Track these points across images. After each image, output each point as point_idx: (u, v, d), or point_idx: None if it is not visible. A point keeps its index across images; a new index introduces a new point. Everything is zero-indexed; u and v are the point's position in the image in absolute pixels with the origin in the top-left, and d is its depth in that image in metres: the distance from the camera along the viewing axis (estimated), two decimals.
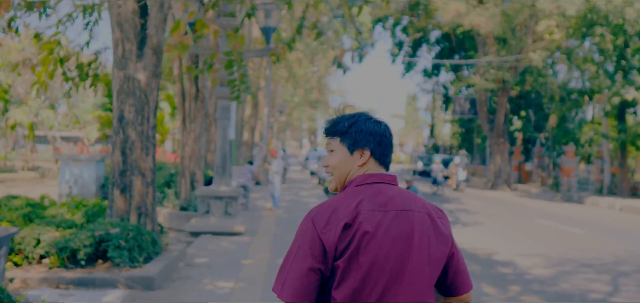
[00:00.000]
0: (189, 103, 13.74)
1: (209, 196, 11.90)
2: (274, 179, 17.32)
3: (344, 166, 2.14)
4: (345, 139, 2.15)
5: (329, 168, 2.18)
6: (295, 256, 1.97)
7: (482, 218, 18.44)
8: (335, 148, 2.17)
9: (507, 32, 31.50)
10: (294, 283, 1.94)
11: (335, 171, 2.16)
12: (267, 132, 28.36)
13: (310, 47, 38.19)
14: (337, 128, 2.17)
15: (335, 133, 2.17)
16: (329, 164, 2.17)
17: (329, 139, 2.20)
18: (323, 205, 2.04)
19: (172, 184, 14.59)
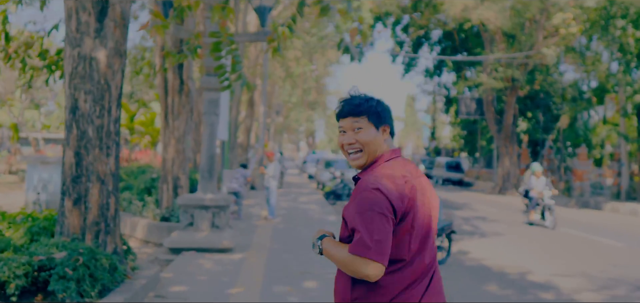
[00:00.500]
0: (172, 97, 11.89)
1: (193, 206, 10.06)
2: (270, 184, 15.48)
3: (375, 142, 2.42)
4: (372, 117, 2.42)
5: (356, 144, 2.41)
6: (378, 222, 2.23)
7: (500, 227, 16.63)
8: (364, 125, 2.41)
9: (517, 28, 29.73)
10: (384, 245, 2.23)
11: (367, 147, 2.41)
12: (263, 133, 26.51)
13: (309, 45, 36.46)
14: (363, 107, 2.41)
15: (362, 112, 2.41)
16: (359, 140, 2.41)
17: (353, 118, 2.40)
18: (383, 177, 2.31)
19: (153, 191, 12.73)
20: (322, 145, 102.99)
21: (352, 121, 2.41)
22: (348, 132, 2.44)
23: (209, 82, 10.21)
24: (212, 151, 10.40)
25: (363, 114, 2.40)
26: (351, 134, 2.42)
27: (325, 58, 42.89)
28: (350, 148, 2.43)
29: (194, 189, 13.37)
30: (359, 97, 2.45)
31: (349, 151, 2.44)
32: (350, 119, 2.41)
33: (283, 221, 15.41)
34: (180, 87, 11.91)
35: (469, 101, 37.09)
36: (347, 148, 2.45)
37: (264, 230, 13.61)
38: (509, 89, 32.35)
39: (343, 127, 2.45)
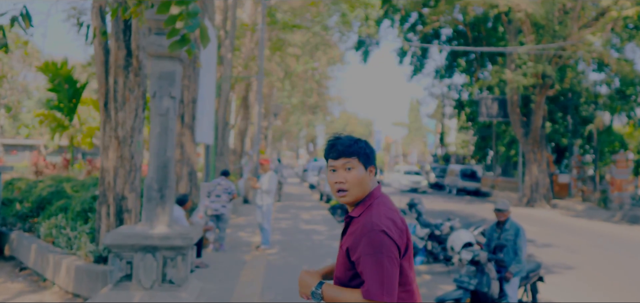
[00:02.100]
0: (114, 76, 7.94)
1: (131, 247, 6.10)
2: (263, 201, 11.51)
3: (364, 181, 2.49)
4: (362, 158, 2.50)
5: (346, 183, 2.48)
6: (388, 266, 2.30)
7: (563, 254, 12.66)
8: (354, 166, 2.49)
9: (549, 15, 25.85)
10: (392, 286, 2.31)
11: (357, 187, 2.48)
12: (259, 137, 22.53)
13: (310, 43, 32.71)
14: (354, 148, 2.50)
15: (353, 153, 2.50)
16: (350, 180, 2.48)
17: (345, 158, 2.49)
18: (383, 217, 2.40)
19: (91, 216, 8.78)
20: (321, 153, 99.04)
21: (344, 161, 2.49)
22: (339, 171, 2.50)
23: (158, 45, 6.29)
24: (164, 157, 6.46)
25: (354, 155, 2.49)
26: (342, 173, 2.49)
27: (328, 57, 39.12)
28: (340, 186, 2.50)
29: None
30: (348, 138, 2.55)
31: (338, 189, 2.51)
32: (343, 159, 2.49)
33: (281, 251, 11.45)
34: (127, 62, 7.95)
35: (490, 101, 33.11)
36: (337, 186, 2.51)
37: (255, 268, 9.65)
38: (538, 87, 28.40)
39: (334, 166, 2.51)
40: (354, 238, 2.40)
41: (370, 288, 2.28)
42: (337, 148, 2.51)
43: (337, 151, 2.51)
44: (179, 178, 13.35)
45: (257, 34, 25.31)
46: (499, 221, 7.23)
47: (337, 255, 2.53)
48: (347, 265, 2.43)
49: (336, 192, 2.52)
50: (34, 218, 11.21)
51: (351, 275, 2.41)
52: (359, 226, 2.41)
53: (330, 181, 2.54)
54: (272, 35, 29.10)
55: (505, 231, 7.11)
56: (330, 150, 2.55)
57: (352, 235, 2.43)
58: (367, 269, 2.31)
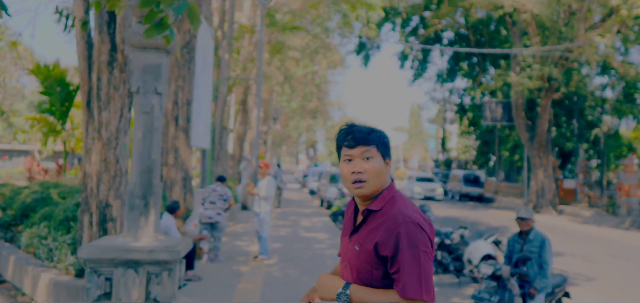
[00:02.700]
0: (97, 73, 7.26)
1: (110, 261, 5.40)
2: (261, 208, 10.82)
3: (381, 173, 2.30)
4: (380, 148, 2.32)
5: (364, 174, 2.28)
6: (423, 260, 2.14)
7: (579, 264, 11.95)
8: (373, 155, 2.30)
9: (556, 17, 25.20)
10: (430, 283, 2.15)
11: (375, 178, 2.28)
12: (257, 141, 21.83)
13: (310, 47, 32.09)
14: (373, 136, 2.32)
15: (372, 140, 2.31)
16: (368, 170, 2.28)
17: (364, 147, 2.30)
18: (415, 212, 2.25)
19: (74, 225, 8.08)
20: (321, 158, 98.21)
21: (363, 149, 2.30)
22: (356, 160, 2.31)
23: (137, 36, 5.61)
24: (149, 160, 5.77)
25: (373, 143, 2.32)
26: (360, 162, 2.30)
27: (328, 60, 38.48)
28: (358, 176, 2.29)
29: None
30: (365, 126, 2.39)
31: (355, 180, 2.30)
32: (361, 148, 2.30)
33: (280, 262, 10.74)
34: (112, 57, 7.26)
35: (495, 105, 32.41)
36: (353, 177, 2.30)
37: (252, 281, 8.95)
38: (544, 91, 27.72)
39: (350, 155, 2.31)
40: (385, 232, 2.21)
41: (407, 286, 2.12)
42: (354, 135, 2.32)
43: (354, 139, 2.31)
44: (173, 183, 12.65)
45: (255, 36, 24.65)
46: (522, 230, 6.52)
47: (351, 255, 2.31)
48: (373, 263, 2.24)
49: (352, 183, 2.31)
50: (17, 227, 10.51)
51: (381, 274, 2.23)
52: (388, 219, 2.24)
53: (345, 172, 2.32)
54: (271, 38, 28.46)
55: (529, 242, 6.41)
56: (345, 137, 2.34)
57: (379, 229, 2.24)
58: (404, 265, 2.15)
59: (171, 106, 12.75)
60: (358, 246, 2.28)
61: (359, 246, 2.28)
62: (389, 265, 2.19)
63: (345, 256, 2.37)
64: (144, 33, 3.97)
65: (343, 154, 2.35)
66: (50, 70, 18.86)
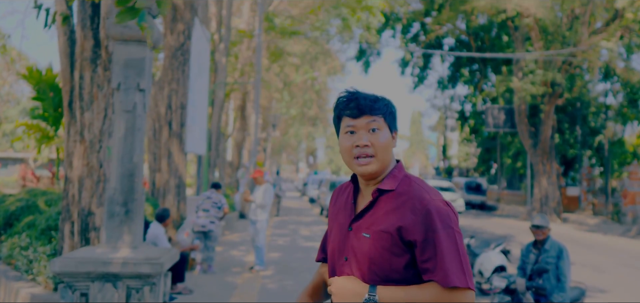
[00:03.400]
0: (80, 71, 6.78)
1: (85, 275, 4.89)
2: (257, 216, 10.31)
3: (389, 147, 2.03)
4: (388, 118, 2.03)
5: (371, 148, 1.98)
6: (460, 243, 1.90)
7: (590, 274, 11.43)
8: (380, 126, 2.01)
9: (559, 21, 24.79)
10: (470, 269, 1.90)
11: (383, 152, 1.99)
12: (255, 147, 21.33)
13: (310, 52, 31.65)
14: (380, 105, 2.02)
15: (379, 109, 2.01)
16: (376, 144, 1.98)
17: (369, 116, 2.00)
18: (431, 190, 1.99)
19: (56, 234, 7.57)
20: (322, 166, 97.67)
21: (368, 120, 1.99)
22: (360, 132, 2.00)
23: (124, 26, 5.12)
24: (130, 164, 5.27)
25: (380, 112, 2.01)
26: (365, 134, 1.99)
27: (328, 67, 38.03)
28: (363, 150, 1.98)
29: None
30: (372, 94, 2.06)
31: (360, 154, 1.98)
32: (366, 117, 1.99)
33: (277, 273, 10.22)
34: (95, 54, 6.77)
35: (497, 111, 31.94)
36: (358, 151, 1.99)
37: (246, 293, 8.43)
38: (548, 96, 27.23)
39: (354, 126, 2.00)
40: (411, 213, 1.92)
41: (450, 273, 1.84)
42: (358, 102, 2.01)
43: (358, 107, 2.00)
44: (166, 191, 12.14)
45: (254, 41, 24.20)
46: (537, 240, 6.01)
47: (358, 245, 1.98)
48: (396, 250, 1.92)
49: (355, 159, 2.00)
50: (0, 236, 10.00)
51: (403, 263, 1.93)
52: (411, 199, 1.95)
53: (347, 145, 2.02)
54: (270, 44, 28.01)
55: (545, 252, 5.89)
56: (347, 105, 2.02)
57: (399, 210, 1.94)
58: (442, 249, 1.87)
59: (164, 110, 12.27)
60: (369, 234, 1.96)
61: (371, 233, 1.95)
62: (418, 251, 1.90)
63: (345, 250, 2.03)
64: (116, 17, 3.49)
65: (344, 126, 2.03)
66: (43, 75, 18.37)
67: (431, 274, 1.87)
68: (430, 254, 1.87)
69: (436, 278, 1.85)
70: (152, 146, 12.35)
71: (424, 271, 1.89)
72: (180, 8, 12.09)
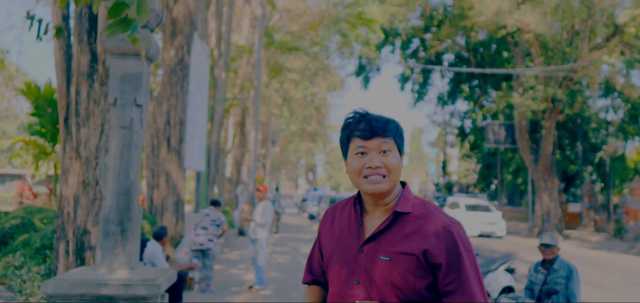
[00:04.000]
0: (76, 86, 6.64)
1: (79, 297, 4.71)
2: (257, 235, 10.12)
3: (400, 169, 2.04)
4: (398, 140, 2.04)
5: (382, 169, 1.98)
6: (479, 268, 1.97)
7: (596, 293, 11.22)
8: (391, 148, 2.01)
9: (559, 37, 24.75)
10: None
11: (394, 174, 1.99)
12: (255, 163, 21.17)
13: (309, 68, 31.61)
14: (391, 127, 2.03)
15: (390, 132, 2.02)
16: (387, 165, 1.99)
17: (382, 139, 2.00)
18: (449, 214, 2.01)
19: (51, 253, 7.39)
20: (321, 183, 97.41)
21: (380, 141, 1.99)
22: (371, 154, 1.98)
23: (120, 40, 4.98)
24: (126, 181, 5.10)
25: (391, 134, 2.02)
26: (376, 155, 1.99)
27: (328, 83, 37.99)
28: (375, 171, 1.97)
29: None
30: (381, 115, 2.07)
31: (372, 175, 1.97)
32: (378, 139, 1.99)
33: (277, 292, 10.02)
34: (92, 68, 6.63)
35: (497, 127, 31.82)
36: (370, 172, 1.97)
37: None
38: (548, 112, 27.12)
39: (365, 148, 1.99)
40: (435, 238, 1.94)
41: (474, 297, 1.92)
42: (370, 124, 2.01)
43: (370, 129, 2.00)
44: (164, 208, 11.97)
45: (253, 57, 24.12)
46: (546, 259, 5.83)
47: (375, 268, 1.95)
48: (420, 273, 1.93)
49: (364, 179, 1.99)
50: None
51: (424, 285, 1.94)
52: (431, 222, 1.98)
53: (357, 166, 2.00)
54: (270, 59, 27.96)
55: (554, 272, 5.71)
56: (357, 125, 2.02)
57: (419, 234, 1.96)
58: (466, 272, 1.93)
59: (163, 126, 12.12)
60: (390, 256, 1.94)
61: (391, 256, 1.94)
62: (442, 274, 1.92)
63: (355, 273, 1.99)
64: (107, 29, 3.34)
65: (354, 147, 2.02)
66: (41, 90, 18.26)
67: (453, 297, 1.91)
68: (453, 277, 1.90)
69: (460, 300, 1.90)
70: (150, 163, 12.18)
71: (446, 294, 1.92)
72: (179, 23, 11.97)
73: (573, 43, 25.13)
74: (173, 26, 11.99)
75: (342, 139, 2.08)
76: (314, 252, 2.22)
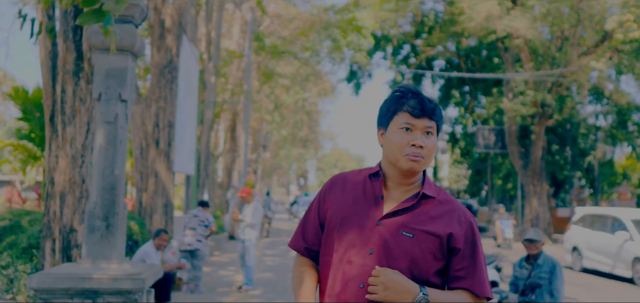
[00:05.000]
0: (62, 83, 6.64)
1: (63, 291, 4.71)
2: (246, 235, 10.13)
3: (434, 154, 2.04)
4: (439, 125, 2.06)
5: (423, 150, 1.99)
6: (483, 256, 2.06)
7: (581, 292, 11.30)
8: (434, 132, 2.04)
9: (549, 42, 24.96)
10: None
11: (430, 158, 2.01)
12: (246, 167, 21.17)
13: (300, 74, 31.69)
14: (438, 112, 2.03)
15: (437, 116, 2.04)
16: (428, 147, 2.00)
17: (429, 121, 2.01)
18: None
19: (38, 253, 7.37)
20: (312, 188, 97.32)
21: (427, 123, 2.01)
22: (416, 132, 2.00)
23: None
24: (111, 177, 5.11)
25: (437, 119, 2.05)
26: (421, 136, 2.00)
27: (319, 88, 38.05)
28: (417, 151, 1.98)
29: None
30: (431, 98, 2.07)
31: (414, 154, 1.97)
32: (426, 120, 2.00)
33: (266, 293, 10.03)
34: (78, 66, 6.64)
35: (488, 132, 31.97)
36: (413, 151, 1.97)
37: None
38: (538, 117, 27.28)
39: (412, 125, 1.99)
40: (458, 224, 2.01)
41: (484, 285, 2.01)
42: (424, 104, 2.01)
43: (422, 108, 1.99)
44: (153, 210, 11.94)
45: (244, 62, 24.14)
46: (530, 254, 5.88)
47: (394, 241, 1.96)
48: (438, 255, 1.99)
49: (403, 156, 1.99)
50: None
51: (438, 267, 2.01)
52: (454, 209, 2.05)
53: (402, 141, 1.99)
54: (261, 64, 27.99)
55: (538, 267, 5.76)
56: (408, 101, 2.01)
57: (444, 218, 2.01)
58: (478, 261, 2.02)
59: (152, 128, 12.11)
60: (413, 234, 1.97)
61: (415, 233, 1.97)
62: (457, 259, 2.00)
63: (369, 244, 1.98)
64: (79, 18, 3.36)
65: (400, 121, 2.01)
66: (29, 95, 18.18)
67: (463, 282, 1.99)
68: (467, 264, 1.99)
69: (472, 287, 1.98)
70: (139, 165, 12.16)
71: (456, 279, 2.00)
72: (168, 25, 11.99)
73: (562, 49, 25.31)
74: (162, 28, 12.00)
75: (386, 110, 2.07)
76: (310, 217, 2.17)
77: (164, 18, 11.91)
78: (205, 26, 19.35)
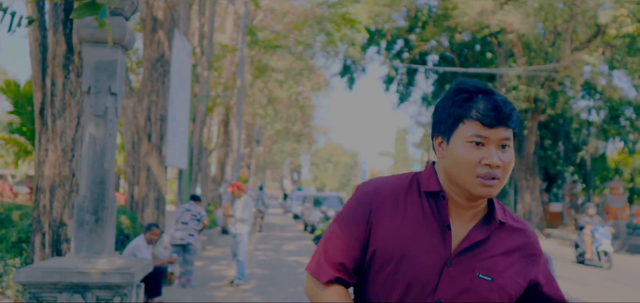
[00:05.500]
0: (51, 76, 6.58)
1: (52, 285, 4.67)
2: (237, 230, 10.10)
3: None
4: (516, 133, 1.59)
5: (499, 170, 1.52)
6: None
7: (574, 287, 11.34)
8: (510, 143, 1.55)
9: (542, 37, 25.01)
10: None
11: (507, 176, 1.54)
12: (239, 162, 21.12)
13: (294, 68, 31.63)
14: (515, 116, 1.56)
15: (514, 121, 1.56)
16: (505, 164, 1.53)
17: (506, 129, 1.53)
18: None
19: (27, 247, 7.33)
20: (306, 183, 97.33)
21: (504, 133, 1.52)
22: (490, 147, 1.51)
23: (94, 27, 4.95)
24: (101, 170, 5.07)
25: (514, 125, 1.56)
26: (495, 150, 1.52)
27: (312, 82, 38.00)
28: (492, 171, 1.50)
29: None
30: (504, 96, 1.58)
31: (488, 176, 1.50)
32: (502, 129, 1.52)
33: (258, 287, 10.01)
34: (68, 59, 6.58)
35: None
36: (487, 172, 1.50)
37: None
38: (531, 112, 27.36)
39: (485, 138, 1.51)
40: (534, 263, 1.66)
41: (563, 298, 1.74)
42: (500, 109, 1.53)
43: (498, 115, 1.52)
44: (145, 204, 11.88)
45: (237, 56, 24.08)
46: None
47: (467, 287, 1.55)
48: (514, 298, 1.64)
49: (477, 177, 1.53)
50: None
51: None
52: (526, 240, 1.67)
53: (471, 160, 1.53)
54: (254, 58, 27.92)
55: None
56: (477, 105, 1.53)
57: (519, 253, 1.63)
58: (556, 286, 1.72)
59: (144, 122, 12.05)
60: (492, 277, 1.57)
61: (493, 277, 1.57)
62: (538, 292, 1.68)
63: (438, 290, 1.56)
64: (74, 11, 3.31)
65: (469, 133, 1.54)
66: (20, 88, 18.07)
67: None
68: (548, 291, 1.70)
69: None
70: (131, 159, 12.10)
71: None
72: (160, 18, 11.92)
73: (555, 43, 25.39)
74: (154, 22, 11.93)
75: (447, 115, 1.60)
76: (344, 241, 1.64)
77: (156, 12, 11.84)
78: (198, 20, 19.27)
